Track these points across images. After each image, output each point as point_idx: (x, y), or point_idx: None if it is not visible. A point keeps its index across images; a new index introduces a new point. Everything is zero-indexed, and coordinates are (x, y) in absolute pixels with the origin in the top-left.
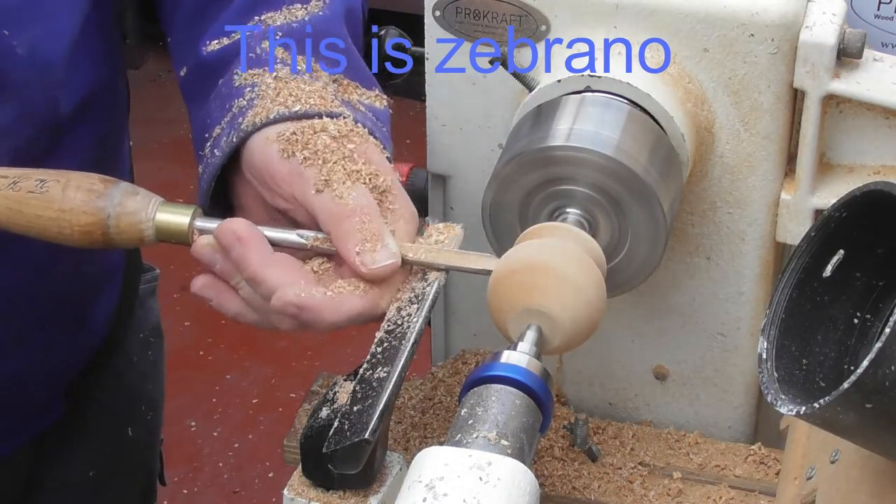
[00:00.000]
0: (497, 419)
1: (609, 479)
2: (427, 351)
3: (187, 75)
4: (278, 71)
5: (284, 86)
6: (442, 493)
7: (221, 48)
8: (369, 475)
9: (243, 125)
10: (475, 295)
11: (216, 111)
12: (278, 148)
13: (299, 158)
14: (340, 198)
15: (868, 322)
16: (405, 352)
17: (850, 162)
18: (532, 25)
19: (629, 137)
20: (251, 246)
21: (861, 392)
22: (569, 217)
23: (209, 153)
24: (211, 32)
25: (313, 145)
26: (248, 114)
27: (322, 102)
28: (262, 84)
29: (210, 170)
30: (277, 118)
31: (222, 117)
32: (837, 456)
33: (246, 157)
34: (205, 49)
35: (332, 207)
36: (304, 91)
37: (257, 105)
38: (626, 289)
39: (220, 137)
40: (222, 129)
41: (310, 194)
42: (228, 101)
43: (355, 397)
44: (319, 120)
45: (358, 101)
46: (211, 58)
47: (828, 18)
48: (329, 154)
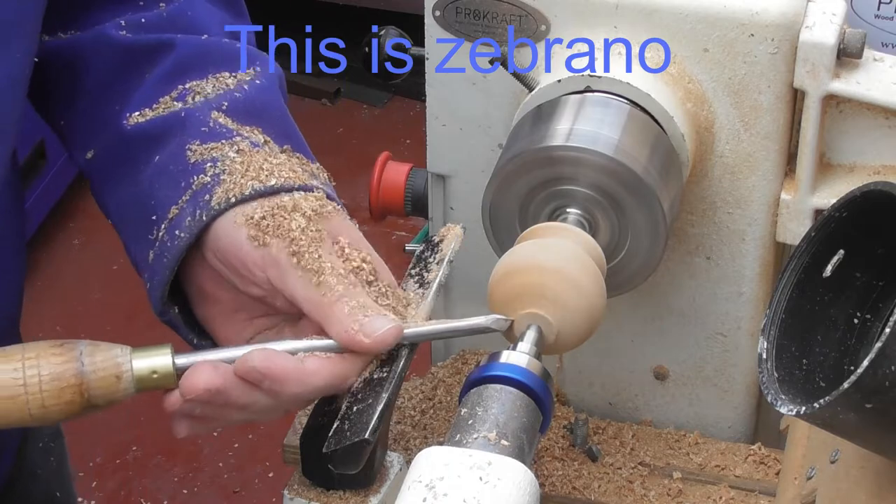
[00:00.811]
0: (497, 419)
1: (609, 479)
2: (427, 351)
3: (98, 156)
4: (238, 144)
5: (251, 159)
6: (442, 493)
7: (148, 121)
8: (369, 475)
9: (213, 203)
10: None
11: (163, 191)
12: (248, 234)
13: (272, 244)
14: (323, 285)
15: (868, 322)
16: (405, 352)
17: (850, 162)
18: (532, 25)
19: (629, 137)
20: (230, 392)
21: (861, 392)
22: (569, 217)
23: (165, 236)
24: (131, 105)
25: (286, 228)
26: (216, 190)
27: (294, 175)
28: (226, 158)
29: (173, 253)
30: (254, 194)
31: (178, 197)
32: (837, 456)
33: (211, 240)
34: (126, 123)
35: (315, 296)
36: (272, 164)
37: (226, 181)
38: (626, 289)
39: (180, 219)
40: (181, 210)
41: (289, 282)
42: (184, 179)
43: (355, 397)
44: (289, 198)
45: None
46: (136, 131)
47: (828, 18)
48: (304, 238)
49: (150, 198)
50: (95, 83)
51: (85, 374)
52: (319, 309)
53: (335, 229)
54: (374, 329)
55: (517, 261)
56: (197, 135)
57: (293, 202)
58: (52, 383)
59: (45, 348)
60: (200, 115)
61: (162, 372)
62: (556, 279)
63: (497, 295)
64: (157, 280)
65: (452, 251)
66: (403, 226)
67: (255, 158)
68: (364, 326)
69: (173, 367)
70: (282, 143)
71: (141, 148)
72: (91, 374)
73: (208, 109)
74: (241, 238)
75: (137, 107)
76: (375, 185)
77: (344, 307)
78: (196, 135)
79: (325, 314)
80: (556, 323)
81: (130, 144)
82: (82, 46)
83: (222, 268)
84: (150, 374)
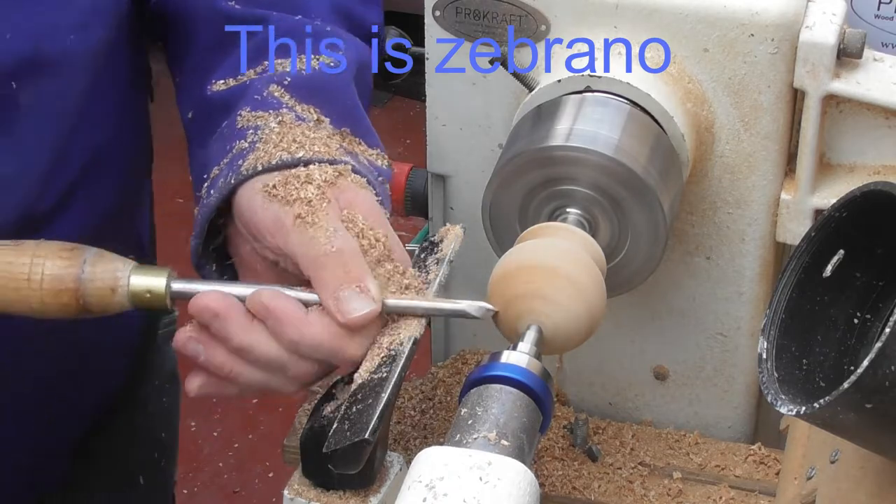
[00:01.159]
0: (497, 419)
1: (609, 479)
2: (427, 351)
3: (193, 117)
4: (283, 115)
5: (288, 131)
6: (442, 493)
7: (227, 89)
8: (369, 475)
9: (243, 168)
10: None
11: (216, 152)
12: (261, 198)
13: (280, 209)
14: (318, 241)
15: (868, 322)
16: (405, 352)
17: (850, 162)
18: (532, 25)
19: (629, 137)
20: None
21: (861, 392)
22: (569, 217)
23: (205, 194)
24: (218, 73)
25: (296, 194)
26: (248, 157)
27: (326, 150)
28: (266, 127)
29: (205, 210)
30: (280, 164)
31: (222, 158)
32: (837, 456)
33: (236, 204)
34: (210, 89)
35: (309, 252)
36: (308, 137)
37: (259, 149)
38: (626, 289)
39: (218, 178)
40: (220, 171)
41: (290, 242)
42: (229, 142)
43: (355, 397)
44: (305, 169)
45: (361, 155)
46: (215, 97)
47: (828, 18)
48: (311, 203)
49: (207, 157)
50: (201, 48)
51: (83, 281)
52: (311, 265)
53: (347, 199)
54: (350, 309)
55: (517, 261)
56: (250, 102)
57: (307, 172)
58: (51, 283)
59: (55, 250)
60: (261, 85)
61: (155, 292)
62: (556, 279)
63: (497, 295)
64: (195, 234)
65: (452, 251)
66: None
67: (293, 131)
68: (341, 301)
69: (166, 289)
70: (340, 126)
71: (217, 114)
72: (88, 283)
73: (269, 81)
74: (255, 204)
75: (223, 75)
76: None
77: (331, 269)
78: (250, 102)
79: (314, 273)
80: (556, 323)
81: (210, 110)
82: (195, 10)
83: (245, 232)
84: (144, 293)
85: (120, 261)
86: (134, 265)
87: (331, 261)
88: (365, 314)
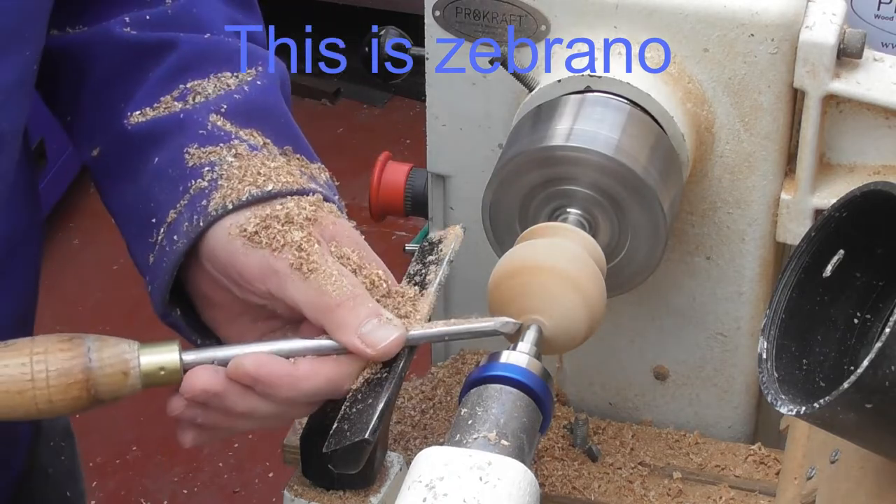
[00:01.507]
0: (497, 419)
1: (609, 479)
2: (427, 351)
3: (102, 154)
4: (236, 147)
5: (248, 163)
6: (442, 493)
7: (149, 121)
8: (369, 475)
9: (210, 208)
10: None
11: (162, 194)
12: (242, 244)
13: (268, 256)
14: (327, 289)
15: (868, 322)
16: (405, 352)
17: (850, 162)
18: (532, 25)
19: (629, 137)
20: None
21: (861, 392)
22: (569, 217)
23: (163, 240)
24: (133, 104)
25: (281, 239)
26: (213, 196)
27: (292, 179)
28: (223, 162)
29: (171, 259)
30: (251, 199)
31: (176, 201)
32: (837, 456)
33: (206, 249)
34: (127, 122)
35: (318, 300)
36: (270, 168)
37: (223, 185)
38: (626, 289)
39: (178, 223)
40: (179, 214)
41: (289, 290)
42: (182, 182)
43: (355, 397)
44: (282, 206)
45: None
46: (136, 131)
47: (828, 18)
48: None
49: (150, 200)
50: (100, 80)
51: (92, 371)
52: (323, 314)
53: (331, 232)
54: (377, 340)
55: (517, 261)
56: (195, 137)
57: (286, 211)
58: (59, 379)
59: (54, 342)
60: (199, 117)
61: (169, 368)
62: (556, 279)
63: (497, 295)
64: (158, 284)
65: (452, 251)
66: (403, 226)
67: (252, 163)
68: (366, 336)
69: (180, 364)
70: (282, 145)
71: (141, 148)
72: (98, 371)
73: (207, 111)
74: (236, 250)
75: (139, 106)
76: (375, 185)
77: (347, 312)
78: (194, 137)
79: (329, 319)
80: (556, 323)
81: (131, 144)
82: (88, 43)
83: (219, 276)
84: (158, 371)
85: (124, 342)
86: (138, 344)
87: (346, 305)
88: (394, 339)
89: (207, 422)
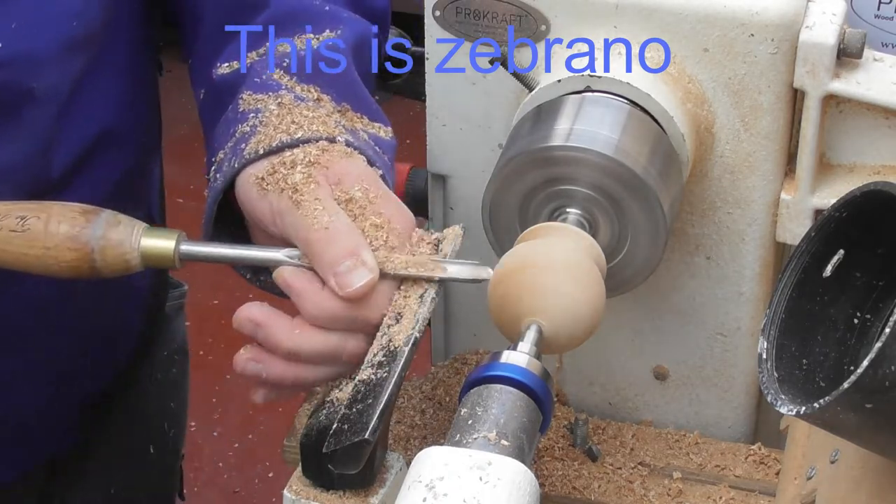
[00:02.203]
0: (497, 419)
1: (609, 479)
2: (427, 351)
3: (203, 98)
4: (282, 97)
5: (287, 112)
6: (442, 493)
7: (232, 72)
8: (369, 475)
9: (245, 151)
10: (475, 295)
11: (221, 135)
12: (256, 190)
13: (274, 197)
14: (308, 221)
15: (868, 322)
16: (405, 352)
17: (850, 162)
18: (532, 25)
19: (629, 137)
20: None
21: (861, 392)
22: (569, 217)
23: (213, 178)
24: (223, 56)
25: (283, 182)
26: (250, 140)
27: (324, 128)
28: (266, 110)
29: (212, 194)
30: (280, 146)
31: (226, 142)
32: (837, 456)
33: (238, 195)
34: (216, 72)
35: (300, 234)
36: (306, 118)
37: (260, 132)
38: (626, 289)
39: (223, 163)
40: (225, 155)
41: (288, 227)
42: (233, 125)
43: (355, 397)
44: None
45: (362, 130)
46: (220, 81)
47: (828, 18)
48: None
49: (215, 140)
50: (208, 30)
51: (94, 243)
52: (306, 245)
53: (337, 174)
54: (347, 282)
55: (517, 261)
56: (251, 85)
57: (291, 157)
58: (64, 242)
59: (73, 210)
60: (261, 68)
61: (164, 254)
62: (556, 279)
63: (497, 295)
64: (205, 218)
65: (452, 251)
66: None
67: (292, 112)
68: (340, 276)
69: (174, 251)
70: (339, 102)
71: (221, 98)
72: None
73: (272, 65)
74: (252, 196)
75: (227, 59)
76: None
77: (323, 248)
78: (251, 85)
79: (311, 251)
80: (556, 323)
81: (218, 93)
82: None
83: (249, 220)
84: (154, 254)
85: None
86: (144, 227)
87: (322, 239)
88: (362, 285)
89: (270, 374)
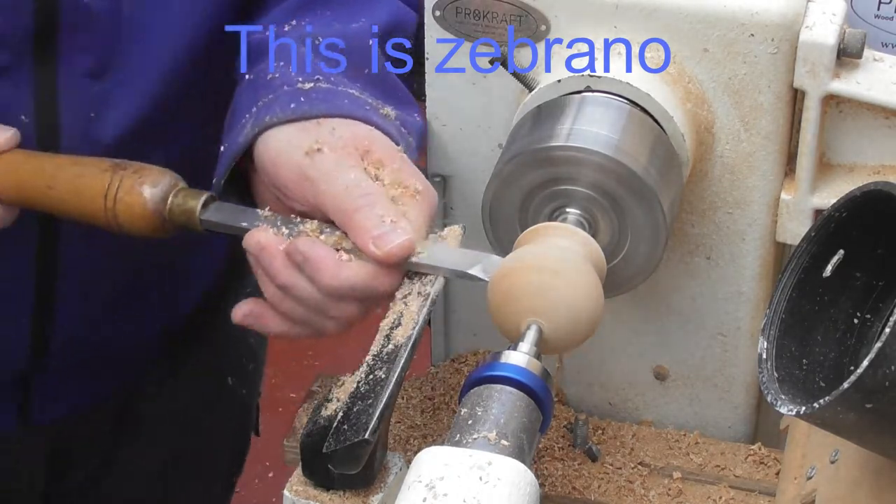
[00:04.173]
0: (497, 419)
1: (609, 479)
2: (427, 351)
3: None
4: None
5: (313, 86)
6: (442, 493)
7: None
8: (369, 475)
9: (267, 118)
10: (475, 295)
11: (247, 99)
12: (284, 153)
13: (303, 160)
14: (349, 192)
15: (868, 322)
16: (405, 352)
17: (850, 162)
18: (532, 25)
19: (629, 137)
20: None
21: (861, 392)
22: (569, 217)
23: (230, 138)
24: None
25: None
26: (274, 108)
27: (347, 104)
28: (294, 81)
29: (230, 150)
30: (301, 117)
31: (251, 107)
32: (837, 456)
33: (258, 157)
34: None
35: (340, 204)
36: (332, 93)
37: (283, 101)
38: (626, 289)
39: (245, 126)
40: (247, 119)
41: (319, 195)
42: (258, 92)
43: (355, 397)
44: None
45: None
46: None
47: (828, 18)
48: (333, 154)
49: (238, 101)
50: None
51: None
52: (344, 217)
53: (365, 147)
54: (387, 242)
55: (517, 261)
56: (283, 56)
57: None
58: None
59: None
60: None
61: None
62: (556, 280)
63: (497, 295)
64: (219, 172)
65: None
66: None
67: (318, 85)
68: (378, 240)
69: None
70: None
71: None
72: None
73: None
74: (278, 158)
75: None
76: None
77: (363, 216)
78: (282, 56)
79: (348, 222)
80: (556, 323)
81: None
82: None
83: (269, 184)
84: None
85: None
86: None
87: (363, 208)
88: (402, 243)
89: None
